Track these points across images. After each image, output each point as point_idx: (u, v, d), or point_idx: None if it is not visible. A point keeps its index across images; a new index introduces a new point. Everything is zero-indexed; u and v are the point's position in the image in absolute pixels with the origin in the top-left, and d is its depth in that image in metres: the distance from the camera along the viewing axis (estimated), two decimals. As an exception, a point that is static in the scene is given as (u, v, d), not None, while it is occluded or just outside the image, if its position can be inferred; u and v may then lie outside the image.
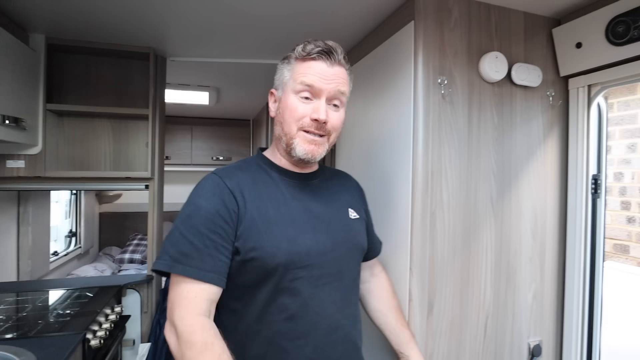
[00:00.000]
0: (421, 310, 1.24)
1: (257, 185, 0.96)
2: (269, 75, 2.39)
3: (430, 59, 1.23)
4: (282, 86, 1.00)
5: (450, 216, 1.26)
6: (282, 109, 0.99)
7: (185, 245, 0.85)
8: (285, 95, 0.98)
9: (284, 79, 0.99)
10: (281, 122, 0.99)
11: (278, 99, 1.02)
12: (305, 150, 0.96)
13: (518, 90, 1.37)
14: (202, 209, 0.88)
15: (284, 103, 0.98)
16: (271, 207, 0.93)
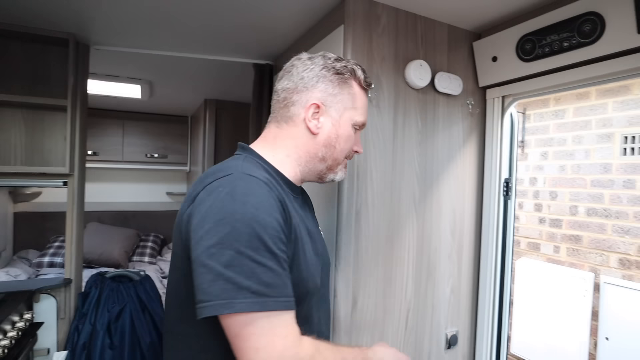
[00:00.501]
0: (345, 305, 1.28)
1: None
2: (207, 71, 2.38)
3: (359, 63, 1.27)
4: (338, 108, 0.90)
5: (374, 215, 1.32)
6: (337, 135, 0.90)
7: (266, 274, 0.67)
8: (342, 123, 0.91)
9: (344, 102, 0.90)
10: (333, 146, 0.91)
11: (330, 118, 0.90)
12: (342, 177, 0.97)
13: (441, 97, 1.46)
14: (267, 224, 0.69)
15: (341, 129, 0.91)
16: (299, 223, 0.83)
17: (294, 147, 0.90)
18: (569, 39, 1.21)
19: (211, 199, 0.71)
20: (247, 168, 0.78)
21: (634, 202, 2.31)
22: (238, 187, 0.72)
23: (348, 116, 0.91)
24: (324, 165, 0.92)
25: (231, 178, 0.74)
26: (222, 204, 0.69)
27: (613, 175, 2.41)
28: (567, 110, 2.59)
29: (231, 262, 0.65)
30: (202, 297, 0.65)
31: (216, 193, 0.71)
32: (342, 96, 0.90)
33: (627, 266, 2.37)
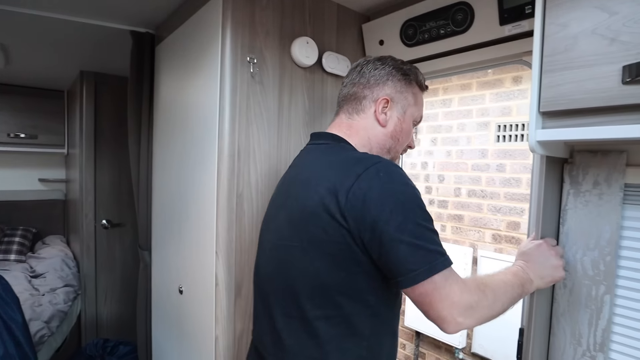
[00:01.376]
0: (229, 294, 1.22)
1: None
2: (81, 38, 2.08)
3: (239, 36, 1.20)
4: (403, 105, 0.98)
5: (258, 198, 1.27)
6: (400, 130, 0.99)
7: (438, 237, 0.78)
8: (406, 118, 0.99)
9: (408, 100, 0.99)
10: (397, 139, 0.99)
11: (396, 113, 0.98)
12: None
13: (329, 77, 1.45)
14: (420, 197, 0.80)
15: (406, 125, 1.00)
16: None
17: (367, 138, 0.97)
18: (445, 27, 1.26)
19: (377, 187, 0.77)
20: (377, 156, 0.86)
21: (504, 184, 2.57)
22: (394, 172, 0.80)
23: (410, 112, 1.00)
24: (389, 157, 0.99)
25: (383, 165, 0.81)
26: (391, 188, 0.78)
27: (489, 160, 2.66)
28: (453, 99, 2.78)
29: (417, 234, 0.75)
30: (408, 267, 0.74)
31: (378, 179, 0.78)
32: (407, 94, 0.99)
33: (499, 241, 2.65)
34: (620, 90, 0.66)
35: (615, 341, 0.87)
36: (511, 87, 2.47)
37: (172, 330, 1.60)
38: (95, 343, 2.35)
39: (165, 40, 1.65)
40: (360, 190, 0.77)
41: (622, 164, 0.85)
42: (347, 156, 0.87)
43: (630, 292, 0.85)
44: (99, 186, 2.73)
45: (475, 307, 0.75)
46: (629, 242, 0.86)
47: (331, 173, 0.83)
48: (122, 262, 2.80)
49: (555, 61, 0.74)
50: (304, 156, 1.00)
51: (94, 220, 2.69)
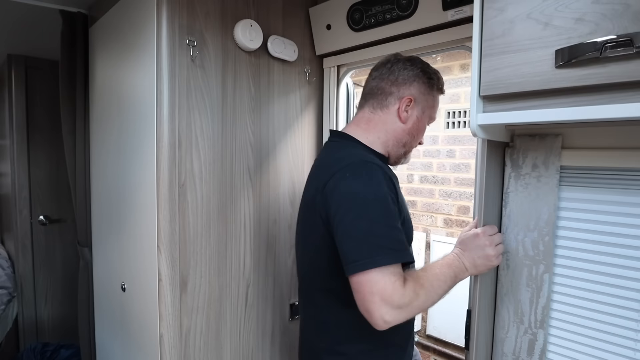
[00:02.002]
0: (173, 289, 1.17)
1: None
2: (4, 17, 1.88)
3: (177, 15, 1.13)
4: (424, 106, 1.06)
5: (203, 187, 1.21)
6: (417, 127, 1.06)
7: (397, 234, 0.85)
8: (424, 118, 1.07)
9: (428, 101, 1.07)
10: (413, 135, 1.07)
11: (416, 112, 1.05)
12: (408, 160, 1.14)
13: (276, 63, 1.40)
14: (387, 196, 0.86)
15: (421, 123, 1.07)
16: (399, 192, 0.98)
17: (384, 132, 1.04)
18: (390, 12, 1.25)
19: (342, 184, 0.88)
20: (365, 155, 0.95)
21: (454, 169, 2.65)
22: (363, 172, 0.89)
23: (428, 113, 1.08)
24: (403, 151, 1.08)
25: (355, 165, 0.90)
26: (353, 187, 0.87)
27: (439, 146, 2.72)
28: (402, 86, 2.82)
29: (369, 229, 0.83)
30: (350, 258, 0.83)
31: (344, 179, 0.88)
32: (428, 97, 1.06)
33: (450, 225, 2.73)
34: (553, 74, 0.67)
35: (554, 317, 0.91)
36: (459, 74, 2.53)
37: (116, 330, 1.52)
38: (32, 348, 2.20)
39: (99, 20, 1.53)
40: (329, 187, 0.90)
41: (558, 146, 0.88)
42: (336, 156, 0.98)
43: (567, 270, 0.89)
44: (34, 180, 2.53)
45: (404, 307, 0.81)
46: (565, 222, 0.89)
47: (322, 171, 0.97)
48: (63, 260, 2.63)
49: (493, 45, 0.74)
50: (320, 153, 1.13)
51: (29, 217, 2.50)
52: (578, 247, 0.87)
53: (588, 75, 0.64)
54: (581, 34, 0.64)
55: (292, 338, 1.55)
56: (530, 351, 0.92)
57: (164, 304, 1.16)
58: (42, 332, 2.52)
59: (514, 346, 0.94)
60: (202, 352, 1.25)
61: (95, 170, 1.66)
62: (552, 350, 0.91)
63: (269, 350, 1.47)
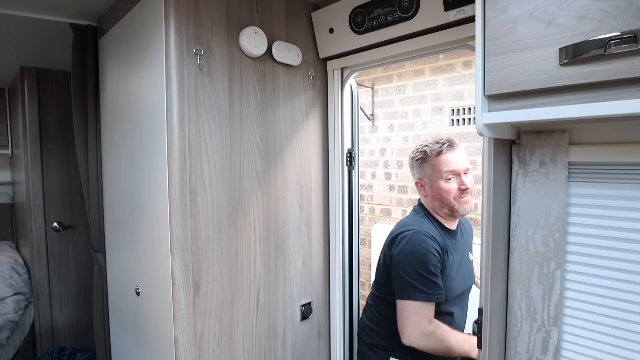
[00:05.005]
0: (186, 293, 1.18)
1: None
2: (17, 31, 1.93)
3: (184, 26, 1.15)
4: (428, 177, 1.36)
5: (213, 192, 1.23)
6: (437, 192, 1.34)
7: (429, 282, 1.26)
8: (435, 183, 1.34)
9: (428, 173, 1.36)
10: (440, 199, 1.34)
11: (428, 186, 1.37)
12: (466, 209, 1.34)
13: (280, 67, 1.42)
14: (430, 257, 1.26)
15: (437, 188, 1.34)
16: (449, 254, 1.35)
17: (428, 205, 1.41)
18: (392, 14, 1.26)
19: (403, 242, 1.30)
20: (422, 226, 1.33)
21: (461, 167, 2.64)
22: (417, 238, 1.29)
23: (435, 178, 1.34)
24: (445, 210, 1.35)
25: (414, 232, 1.30)
26: (409, 246, 1.28)
27: (445, 144, 2.71)
28: (408, 85, 2.81)
29: (413, 275, 1.25)
30: (399, 288, 1.29)
31: (405, 239, 1.30)
32: (426, 171, 1.37)
33: (458, 223, 2.72)
34: (558, 71, 0.68)
35: (567, 314, 0.91)
36: (462, 71, 2.52)
37: (131, 334, 1.55)
38: (50, 352, 2.24)
39: (108, 33, 1.56)
40: (396, 243, 1.32)
41: (565, 143, 0.87)
42: (405, 221, 1.40)
43: (578, 266, 0.89)
44: (47, 187, 2.58)
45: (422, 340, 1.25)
46: (575, 219, 0.89)
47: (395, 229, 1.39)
48: (77, 266, 2.67)
49: (497, 45, 0.74)
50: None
51: (44, 224, 2.55)
52: (589, 243, 0.87)
53: (593, 72, 0.64)
54: (585, 31, 0.64)
55: (303, 339, 1.56)
56: (544, 349, 0.92)
57: (178, 307, 1.18)
58: (57, 337, 2.57)
59: (527, 344, 0.94)
60: (216, 354, 1.27)
61: (107, 178, 1.69)
62: (567, 348, 0.91)
63: (281, 351, 1.48)
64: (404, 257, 1.27)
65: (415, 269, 1.25)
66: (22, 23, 1.71)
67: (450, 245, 1.37)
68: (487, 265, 0.93)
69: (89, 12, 1.63)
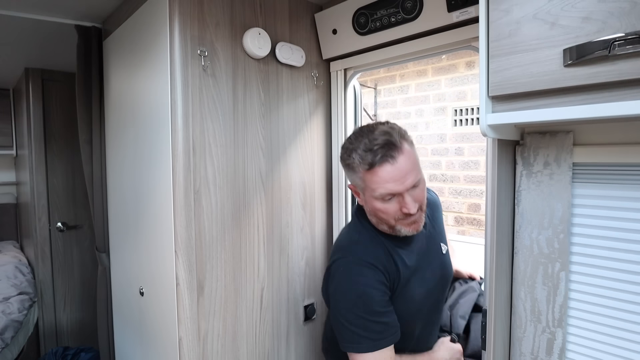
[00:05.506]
0: (190, 293, 1.19)
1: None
2: (21, 33, 1.94)
3: (188, 27, 1.15)
4: (362, 189, 1.04)
5: (217, 193, 1.24)
6: (372, 210, 1.05)
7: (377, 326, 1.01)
8: (369, 200, 1.03)
9: (358, 186, 1.05)
10: (376, 216, 1.06)
11: (362, 196, 1.07)
12: (409, 231, 1.05)
13: (284, 68, 1.42)
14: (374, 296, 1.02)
15: (371, 206, 1.04)
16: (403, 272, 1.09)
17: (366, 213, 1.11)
18: (395, 15, 1.26)
19: (337, 277, 1.06)
20: (360, 251, 1.06)
21: (463, 167, 2.64)
22: (352, 271, 1.03)
23: (368, 195, 1.02)
24: (385, 227, 1.07)
25: (347, 262, 1.05)
26: (343, 283, 1.04)
27: (447, 144, 2.72)
28: (410, 86, 2.82)
29: (354, 321, 1.01)
30: (340, 338, 1.05)
31: (339, 272, 1.05)
32: (357, 181, 1.04)
33: (461, 223, 2.72)
34: (562, 73, 0.68)
35: (572, 316, 0.91)
36: (465, 72, 2.52)
37: (134, 334, 1.55)
38: (54, 352, 2.25)
39: (113, 34, 1.57)
40: (330, 276, 1.08)
41: (570, 143, 0.87)
42: (340, 241, 1.15)
43: (583, 267, 0.89)
44: (51, 188, 2.60)
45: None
46: (579, 219, 0.89)
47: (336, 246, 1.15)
48: (81, 266, 2.68)
49: (500, 46, 0.74)
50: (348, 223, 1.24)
51: (48, 224, 2.56)
52: (594, 244, 0.87)
53: (597, 73, 0.64)
54: (589, 32, 0.64)
55: (307, 340, 1.56)
56: (549, 350, 0.92)
57: (182, 307, 1.18)
58: (61, 337, 2.58)
59: (532, 345, 0.94)
60: (220, 355, 1.27)
61: (112, 178, 1.70)
62: (572, 349, 0.91)
63: (285, 352, 1.48)
64: (340, 299, 1.03)
65: (355, 313, 1.00)
66: (27, 25, 1.72)
67: (405, 256, 1.10)
68: (491, 266, 0.93)
69: (93, 14, 1.64)
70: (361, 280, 1.01)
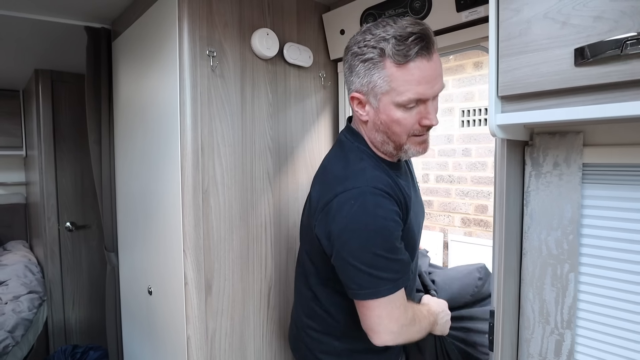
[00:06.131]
0: (198, 293, 1.19)
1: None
2: (32, 34, 1.97)
3: (197, 28, 1.16)
4: (374, 95, 0.86)
5: (225, 193, 1.24)
6: (385, 122, 0.88)
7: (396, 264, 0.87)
8: (385, 107, 0.87)
9: (376, 87, 0.85)
10: (386, 133, 0.90)
11: (371, 106, 0.89)
12: (418, 152, 0.93)
13: (292, 69, 1.43)
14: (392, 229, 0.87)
15: (386, 116, 0.87)
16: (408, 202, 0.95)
17: (365, 133, 0.95)
18: (403, 15, 1.26)
19: (345, 211, 0.85)
20: (370, 178, 0.87)
21: (471, 168, 2.63)
22: (368, 202, 0.84)
23: (387, 101, 0.86)
24: (391, 147, 0.93)
25: (359, 192, 0.85)
26: (357, 217, 0.84)
27: (455, 145, 2.70)
28: (418, 86, 2.81)
29: (371, 262, 0.84)
30: (354, 286, 0.86)
31: (349, 206, 0.85)
32: (373, 83, 0.85)
33: (467, 224, 2.71)
34: (573, 72, 0.67)
35: (581, 317, 0.90)
36: (473, 72, 2.51)
37: (143, 332, 1.56)
38: (63, 350, 2.27)
39: (122, 35, 1.59)
40: (332, 211, 0.87)
41: (580, 144, 0.87)
42: (338, 171, 0.92)
43: (593, 268, 0.88)
44: (61, 188, 2.62)
45: (402, 332, 0.90)
46: (589, 220, 0.88)
47: (323, 183, 0.95)
48: (89, 265, 2.71)
49: (510, 46, 0.74)
50: (333, 149, 1.03)
51: (57, 223, 2.59)
52: (604, 245, 0.86)
53: (609, 72, 0.64)
54: (600, 31, 0.64)
55: (315, 340, 1.56)
56: (557, 352, 0.91)
57: (190, 306, 1.19)
58: (70, 335, 2.60)
59: (540, 347, 0.94)
60: (227, 354, 1.28)
61: (120, 178, 1.71)
62: (580, 351, 0.90)
63: (291, 351, 1.48)
64: (351, 238, 0.84)
65: (374, 252, 0.84)
66: (37, 26, 1.75)
67: (404, 185, 0.96)
68: (499, 267, 0.93)
69: (103, 15, 1.66)
70: (379, 213, 0.84)
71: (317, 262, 0.99)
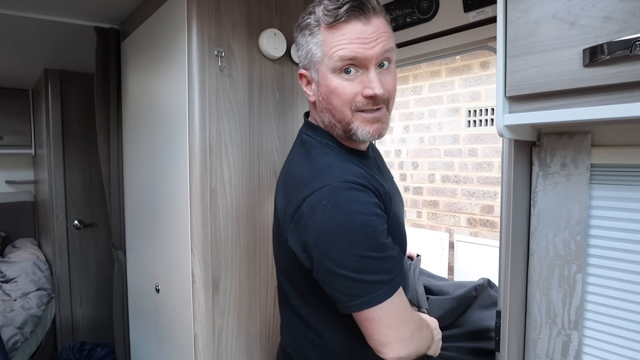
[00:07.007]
0: (206, 291, 1.20)
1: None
2: (41, 35, 2.00)
3: (206, 29, 1.17)
4: (313, 66, 0.81)
5: (232, 192, 1.25)
6: (325, 94, 0.80)
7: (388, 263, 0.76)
8: (323, 77, 0.79)
9: (313, 57, 0.80)
10: (329, 109, 0.81)
11: (314, 81, 0.83)
12: (369, 133, 0.81)
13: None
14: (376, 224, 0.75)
15: (325, 87, 0.80)
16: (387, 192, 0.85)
17: (318, 119, 0.87)
18: (411, 15, 1.26)
19: (318, 215, 0.74)
20: (339, 172, 0.77)
21: (477, 168, 2.62)
22: (341, 198, 0.74)
23: (324, 71, 0.79)
24: (339, 129, 0.83)
25: (329, 190, 0.74)
26: (333, 218, 0.73)
27: (461, 145, 2.70)
28: (424, 86, 2.81)
29: (359, 267, 0.73)
30: (344, 297, 0.74)
31: (321, 207, 0.74)
32: (306, 50, 0.81)
33: (473, 224, 2.71)
34: (581, 73, 0.67)
35: (588, 318, 0.90)
36: (479, 72, 2.50)
37: (150, 330, 1.58)
38: (71, 347, 2.30)
39: (131, 35, 1.60)
40: (303, 217, 0.76)
41: (588, 144, 0.87)
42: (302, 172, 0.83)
43: (600, 269, 0.88)
44: (69, 186, 2.65)
45: (413, 338, 0.79)
46: (597, 221, 0.88)
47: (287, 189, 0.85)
48: (97, 263, 2.74)
49: (518, 46, 0.74)
50: (294, 150, 0.93)
51: (65, 221, 2.62)
52: (612, 246, 0.86)
53: (618, 73, 0.64)
54: (609, 32, 0.64)
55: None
56: (564, 353, 0.91)
57: (197, 304, 1.20)
58: (77, 332, 2.63)
59: (547, 348, 0.94)
60: (234, 351, 1.29)
61: (129, 177, 1.73)
62: (588, 352, 0.90)
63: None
64: (331, 244, 0.73)
65: (359, 254, 0.73)
66: (46, 26, 1.77)
67: (377, 174, 0.87)
68: (506, 267, 0.93)
69: (112, 16, 1.68)
70: (357, 208, 0.74)
71: (297, 282, 0.88)
